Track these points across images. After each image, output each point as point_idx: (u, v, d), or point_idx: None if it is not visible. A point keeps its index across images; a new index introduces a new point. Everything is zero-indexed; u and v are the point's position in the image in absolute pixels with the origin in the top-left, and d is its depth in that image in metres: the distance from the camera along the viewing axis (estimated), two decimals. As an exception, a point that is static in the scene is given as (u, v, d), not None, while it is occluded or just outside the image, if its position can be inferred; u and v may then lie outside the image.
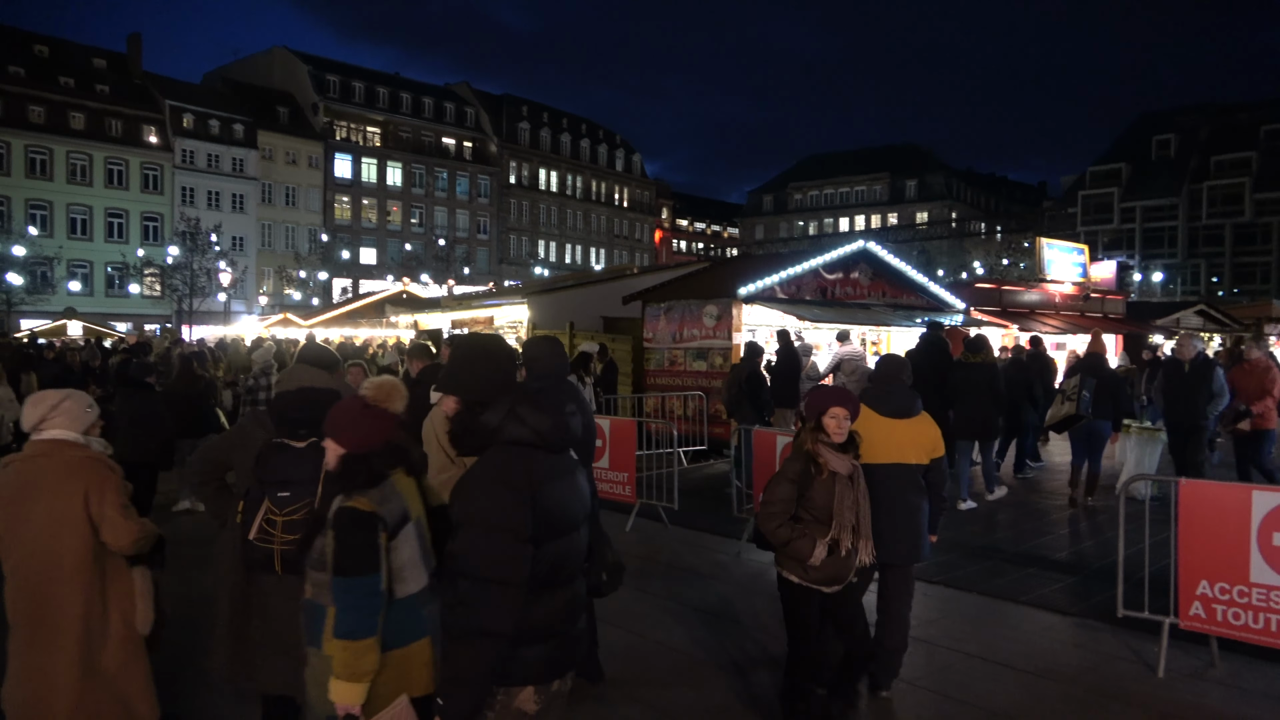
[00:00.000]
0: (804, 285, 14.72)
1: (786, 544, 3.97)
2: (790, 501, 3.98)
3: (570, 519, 2.57)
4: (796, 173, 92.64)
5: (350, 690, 2.58)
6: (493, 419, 2.51)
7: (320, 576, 2.77)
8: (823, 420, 4.01)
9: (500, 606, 2.35)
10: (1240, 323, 24.54)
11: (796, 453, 4.08)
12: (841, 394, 4.11)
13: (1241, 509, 4.72)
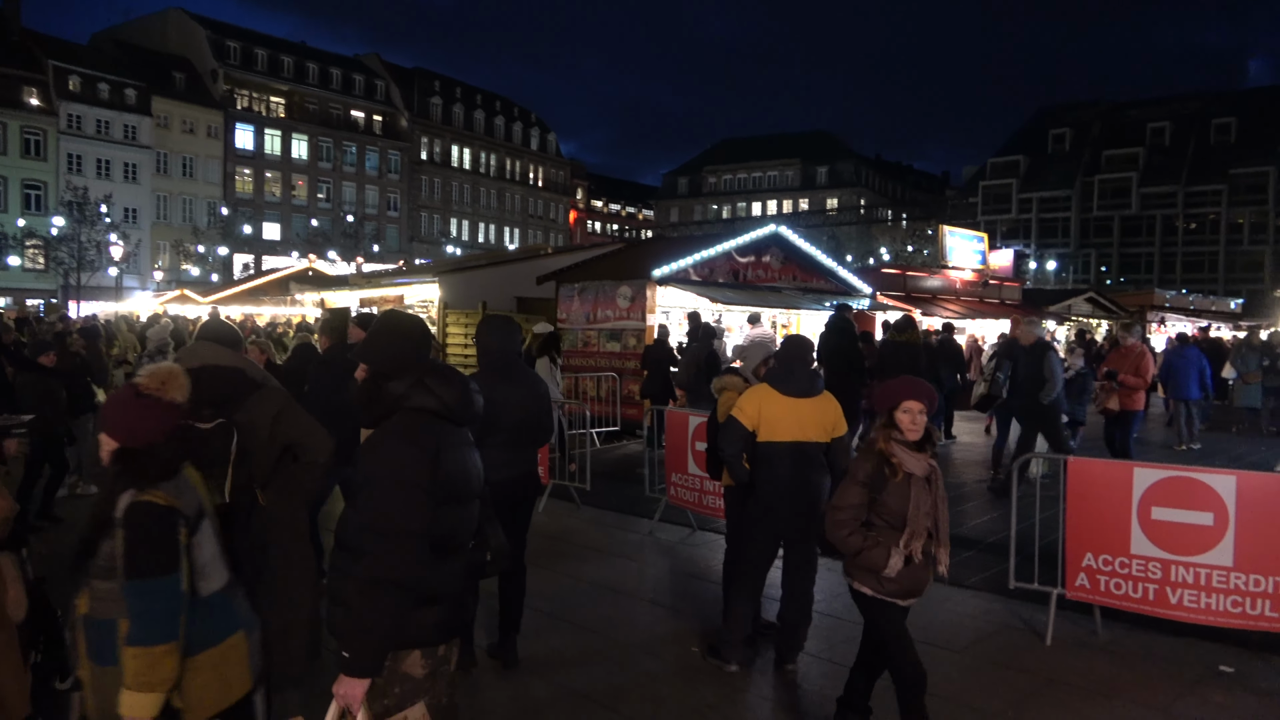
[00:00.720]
0: (717, 268, 14.85)
1: (858, 554, 3.59)
2: (861, 507, 3.60)
3: (466, 488, 2.66)
4: (711, 156, 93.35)
5: (143, 702, 2.42)
6: (399, 387, 2.60)
7: (105, 586, 2.55)
8: (895, 415, 3.59)
9: (407, 556, 2.41)
10: (1126, 310, 25.89)
11: (867, 452, 3.65)
12: (917, 385, 3.65)
13: (1124, 485, 4.98)
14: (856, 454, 3.80)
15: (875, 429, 3.69)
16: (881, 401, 3.67)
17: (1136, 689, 4.59)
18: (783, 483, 4.59)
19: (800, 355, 4.80)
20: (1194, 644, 5.12)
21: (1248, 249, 67.88)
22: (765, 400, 4.63)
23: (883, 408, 3.65)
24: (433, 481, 2.49)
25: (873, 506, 3.61)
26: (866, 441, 3.72)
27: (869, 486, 3.59)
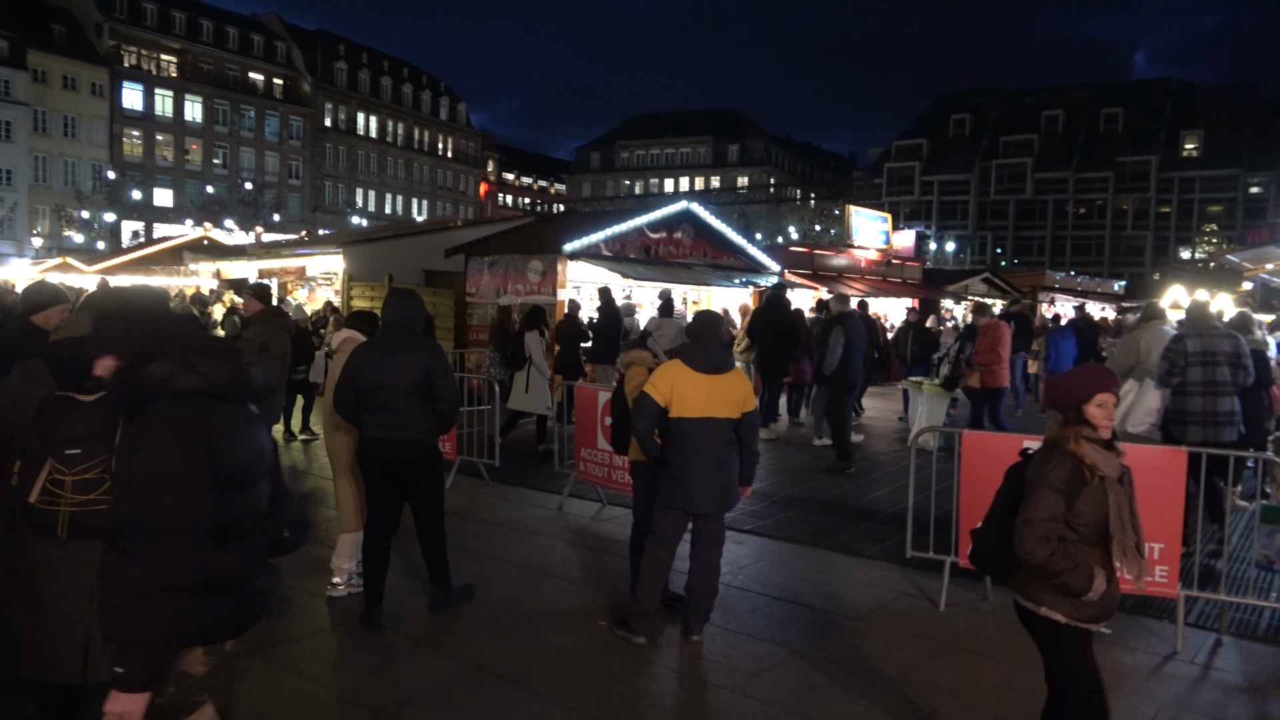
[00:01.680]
0: (628, 243, 14.84)
1: (1059, 575, 3.01)
2: (1061, 519, 3.03)
3: (249, 470, 2.44)
4: (624, 131, 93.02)
5: None
6: (161, 369, 2.31)
7: None
8: (1087, 410, 3.10)
9: (178, 558, 2.21)
10: (1019, 290, 27.00)
11: (1057, 455, 3.09)
12: (1107, 376, 3.20)
13: (1013, 457, 5.18)
14: (1036, 457, 3.20)
15: (1058, 428, 3.15)
16: (1069, 394, 3.15)
17: (1023, 650, 4.77)
18: (694, 458, 4.64)
19: (712, 331, 4.84)
20: (1075, 607, 5.40)
21: (1131, 234, 71.64)
22: (677, 376, 4.66)
23: (1070, 401, 3.13)
24: (209, 469, 2.28)
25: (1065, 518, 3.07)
26: (1049, 442, 3.18)
27: (1067, 495, 3.03)
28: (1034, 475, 3.12)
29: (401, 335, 4.91)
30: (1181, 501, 4.85)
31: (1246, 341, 7.02)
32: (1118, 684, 4.41)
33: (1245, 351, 6.79)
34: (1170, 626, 5.01)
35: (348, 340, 5.35)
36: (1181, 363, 6.74)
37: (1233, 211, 67.07)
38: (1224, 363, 6.67)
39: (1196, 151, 70.16)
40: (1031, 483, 3.11)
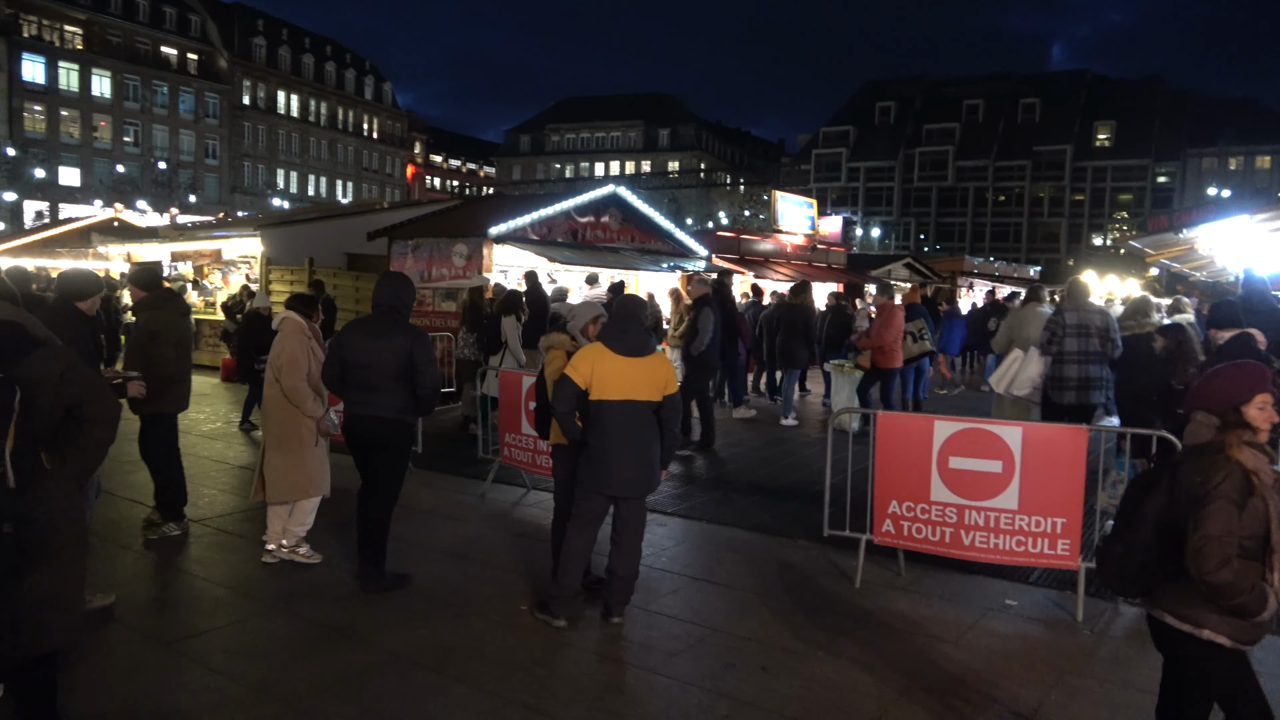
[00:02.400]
0: (555, 227, 14.75)
1: (1239, 597, 2.71)
2: (1236, 534, 2.71)
3: None
4: (554, 114, 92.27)
5: None
6: None
7: None
8: (1246, 413, 2.85)
9: None
10: (939, 275, 27.73)
11: (1222, 463, 2.79)
12: (1264, 375, 2.93)
13: (925, 437, 5.34)
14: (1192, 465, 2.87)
15: (1215, 432, 2.89)
16: (1226, 396, 2.89)
17: (934, 624, 4.97)
18: (614, 440, 4.65)
19: (633, 314, 4.84)
20: (984, 581, 5.60)
21: (1047, 221, 74.12)
22: (598, 359, 4.66)
23: (1227, 404, 2.88)
24: None
25: None
26: (1204, 448, 2.89)
27: (1240, 507, 2.73)
28: (1200, 487, 2.78)
29: (389, 318, 5.19)
30: (1082, 478, 5.04)
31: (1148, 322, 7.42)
32: (1020, 654, 4.60)
33: (1114, 326, 7.55)
34: (1072, 597, 5.22)
35: (287, 320, 5.64)
36: (1060, 333, 7.49)
37: (1142, 200, 69.89)
38: (1095, 335, 7.42)
39: (1108, 142, 72.85)
40: (1199, 496, 2.76)
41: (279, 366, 5.54)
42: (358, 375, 5.13)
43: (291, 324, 5.62)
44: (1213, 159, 68.50)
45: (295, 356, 5.53)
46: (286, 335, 5.60)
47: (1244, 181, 64.28)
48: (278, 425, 5.62)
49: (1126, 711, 3.99)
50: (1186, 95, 74.19)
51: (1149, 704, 4.05)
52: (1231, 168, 67.59)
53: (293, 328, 5.62)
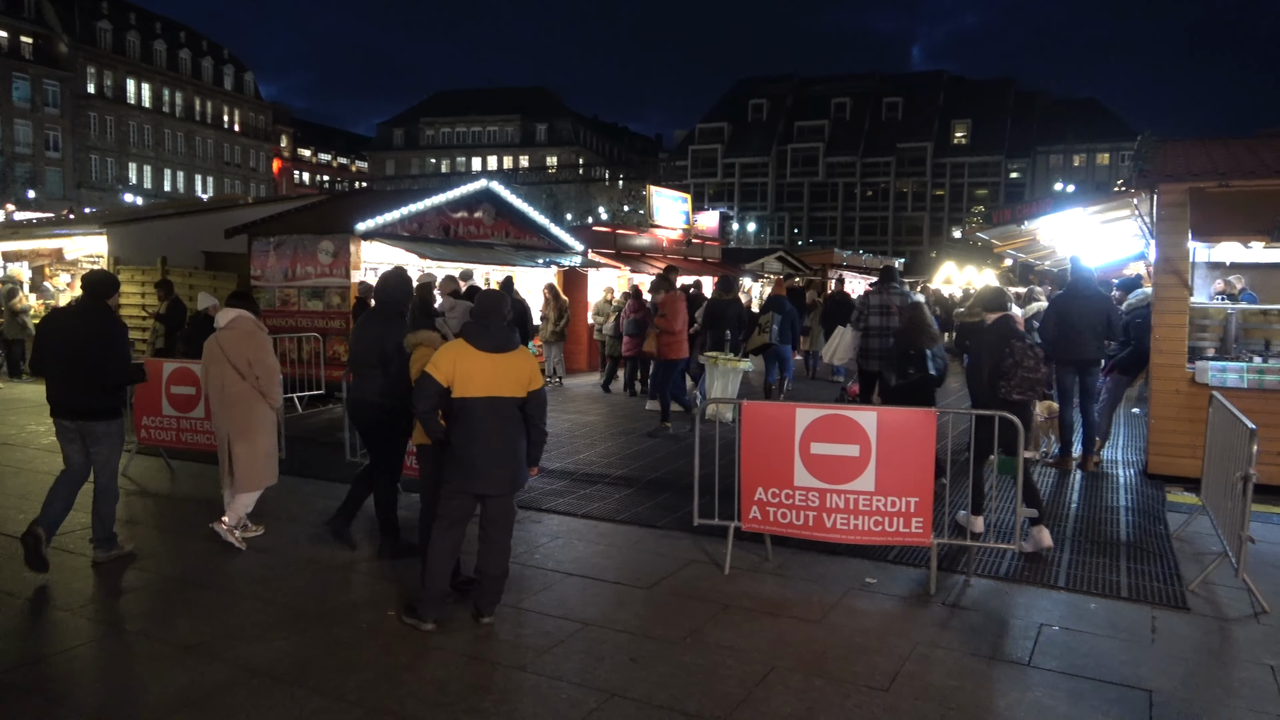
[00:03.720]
0: (427, 223, 14.43)
1: None
2: None
3: None
4: (429, 108, 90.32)
5: None
6: None
7: None
8: None
9: None
10: (810, 267, 28.59)
11: None
12: None
13: (788, 424, 5.50)
14: None
15: None
16: None
17: (798, 605, 5.13)
18: (478, 438, 4.59)
19: (495, 310, 4.79)
20: (845, 561, 5.81)
21: (911, 215, 77.59)
22: (459, 356, 4.59)
23: None
24: None
25: None
26: None
27: None
28: None
29: (377, 314, 5.86)
30: (932, 459, 5.30)
31: None
32: (878, 629, 4.80)
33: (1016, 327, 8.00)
34: (926, 572, 5.48)
35: (241, 318, 6.04)
36: (865, 312, 8.93)
37: (997, 194, 74.01)
38: (895, 313, 8.64)
39: (965, 140, 76.79)
40: None
41: (249, 361, 5.90)
42: (357, 364, 5.83)
43: (247, 321, 6.00)
44: (1059, 156, 73.21)
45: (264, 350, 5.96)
46: (249, 332, 5.98)
47: (1086, 177, 69.03)
48: (244, 417, 5.95)
49: (974, 677, 4.22)
50: (1035, 95, 79.03)
51: (996, 670, 4.32)
52: (1075, 164, 72.44)
53: (249, 325, 6.00)
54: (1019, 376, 5.90)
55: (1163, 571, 5.70)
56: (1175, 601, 5.18)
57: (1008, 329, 6.20)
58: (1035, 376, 5.92)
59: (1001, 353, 5.99)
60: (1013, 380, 5.91)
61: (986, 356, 6.14)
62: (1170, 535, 6.50)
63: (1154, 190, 8.13)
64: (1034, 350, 6.00)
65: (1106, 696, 4.02)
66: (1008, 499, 7.17)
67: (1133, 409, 11.46)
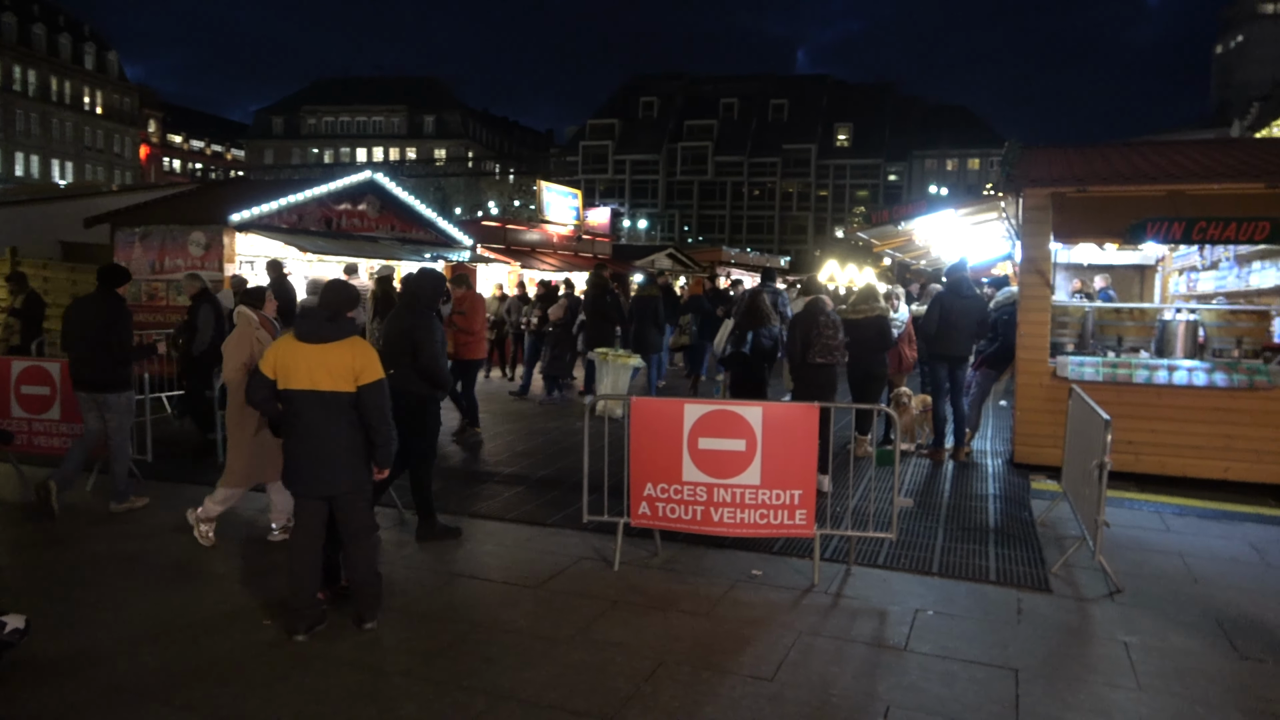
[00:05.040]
0: (307, 215, 13.92)
1: None
2: None
3: None
4: (311, 95, 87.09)
5: None
6: None
7: None
8: None
9: None
10: (700, 264, 28.98)
11: None
12: None
13: (676, 420, 5.54)
14: None
15: None
16: None
17: (686, 599, 5.18)
18: (299, 434, 4.42)
19: (324, 300, 4.57)
20: (732, 554, 5.91)
21: (796, 214, 79.64)
22: (282, 346, 4.45)
23: None
24: None
25: None
26: None
27: None
28: None
29: (403, 308, 6.11)
30: (814, 452, 5.44)
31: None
32: (764, 620, 4.89)
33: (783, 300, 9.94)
34: (809, 563, 5.62)
35: (239, 314, 6.14)
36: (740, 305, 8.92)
37: (877, 196, 76.77)
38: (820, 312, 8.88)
39: (847, 142, 79.34)
40: None
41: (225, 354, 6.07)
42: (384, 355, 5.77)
43: (242, 316, 6.11)
44: (934, 160, 76.50)
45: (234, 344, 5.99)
46: (238, 328, 6.09)
47: (959, 180, 72.38)
48: (234, 413, 6.02)
49: (855, 663, 4.35)
50: (913, 101, 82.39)
51: (875, 655, 4.46)
52: (949, 168, 75.84)
53: (242, 319, 6.09)
54: (820, 344, 7.51)
55: (1027, 556, 6.02)
56: (1039, 584, 5.48)
57: (816, 310, 7.69)
58: (833, 344, 7.56)
59: (810, 328, 7.53)
60: (816, 347, 7.50)
61: (799, 331, 7.62)
62: (1034, 521, 6.87)
63: (1019, 194, 8.58)
64: (833, 325, 7.60)
65: (976, 677, 4.21)
66: (885, 489, 7.45)
67: (1000, 402, 12.07)
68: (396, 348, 5.89)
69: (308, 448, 4.41)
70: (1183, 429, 7.88)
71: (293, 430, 4.43)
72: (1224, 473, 7.82)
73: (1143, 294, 12.56)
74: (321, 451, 4.41)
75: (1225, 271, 10.23)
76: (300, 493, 4.49)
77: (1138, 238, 7.41)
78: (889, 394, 9.40)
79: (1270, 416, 7.67)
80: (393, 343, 5.93)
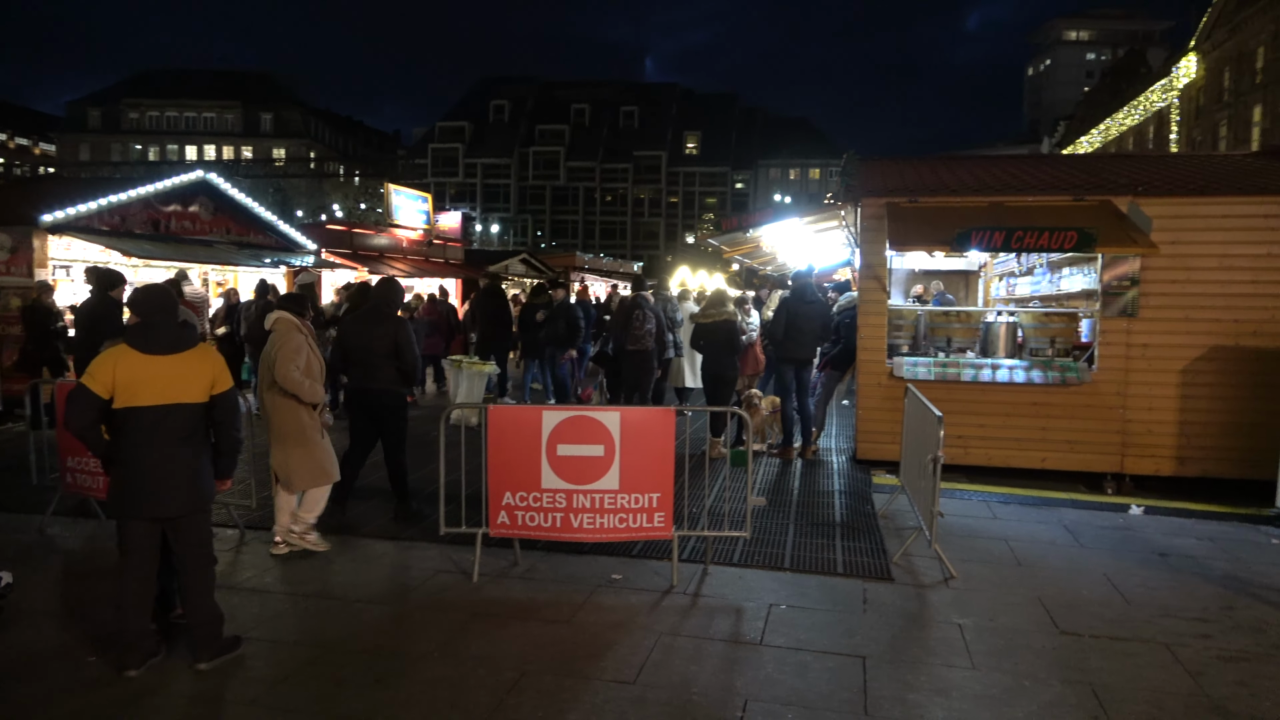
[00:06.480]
0: (132, 216, 12.97)
1: None
2: None
3: None
4: (134, 87, 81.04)
5: None
6: None
7: None
8: None
9: None
10: (553, 270, 28.93)
11: None
12: None
13: (534, 427, 5.51)
14: None
15: None
16: None
17: (548, 607, 5.15)
18: (149, 452, 4.09)
19: (162, 307, 4.25)
20: (593, 560, 5.92)
21: (648, 220, 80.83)
22: (120, 362, 4.07)
23: None
24: None
25: None
26: None
27: None
28: None
29: (378, 313, 6.69)
30: (672, 455, 5.53)
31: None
32: (625, 623, 4.93)
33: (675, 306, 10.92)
34: (668, 565, 5.71)
35: (280, 320, 6.03)
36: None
37: (725, 203, 79.00)
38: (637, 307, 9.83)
39: (696, 150, 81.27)
40: None
41: (272, 360, 5.89)
42: (358, 357, 6.65)
43: (283, 322, 6.01)
44: (778, 169, 79.49)
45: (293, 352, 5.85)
46: (281, 334, 5.96)
47: (801, 190, 75.53)
48: (280, 420, 5.95)
49: (714, 660, 4.45)
50: (757, 111, 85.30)
51: (733, 652, 4.57)
52: (792, 177, 79.01)
53: (285, 326, 5.98)
54: (631, 333, 9.34)
55: (871, 547, 6.34)
56: (882, 574, 5.78)
57: (634, 303, 9.53)
58: (641, 333, 9.33)
59: (629, 318, 9.43)
60: (628, 335, 9.36)
61: (620, 319, 9.59)
62: (877, 514, 7.25)
63: (858, 204, 9.04)
64: (645, 317, 9.40)
65: (828, 666, 4.40)
66: (739, 489, 7.66)
67: (843, 401, 12.67)
68: (378, 352, 6.51)
69: (151, 467, 4.08)
70: (1006, 423, 8.52)
71: (134, 449, 4.07)
72: (1042, 462, 8.50)
73: (968, 298, 13.51)
74: (166, 469, 4.10)
75: (1040, 277, 11.13)
76: (135, 515, 4.14)
77: (963, 245, 7.96)
78: (739, 397, 9.68)
79: (1080, 410, 8.40)
80: (372, 348, 6.54)
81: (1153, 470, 8.32)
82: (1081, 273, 9.75)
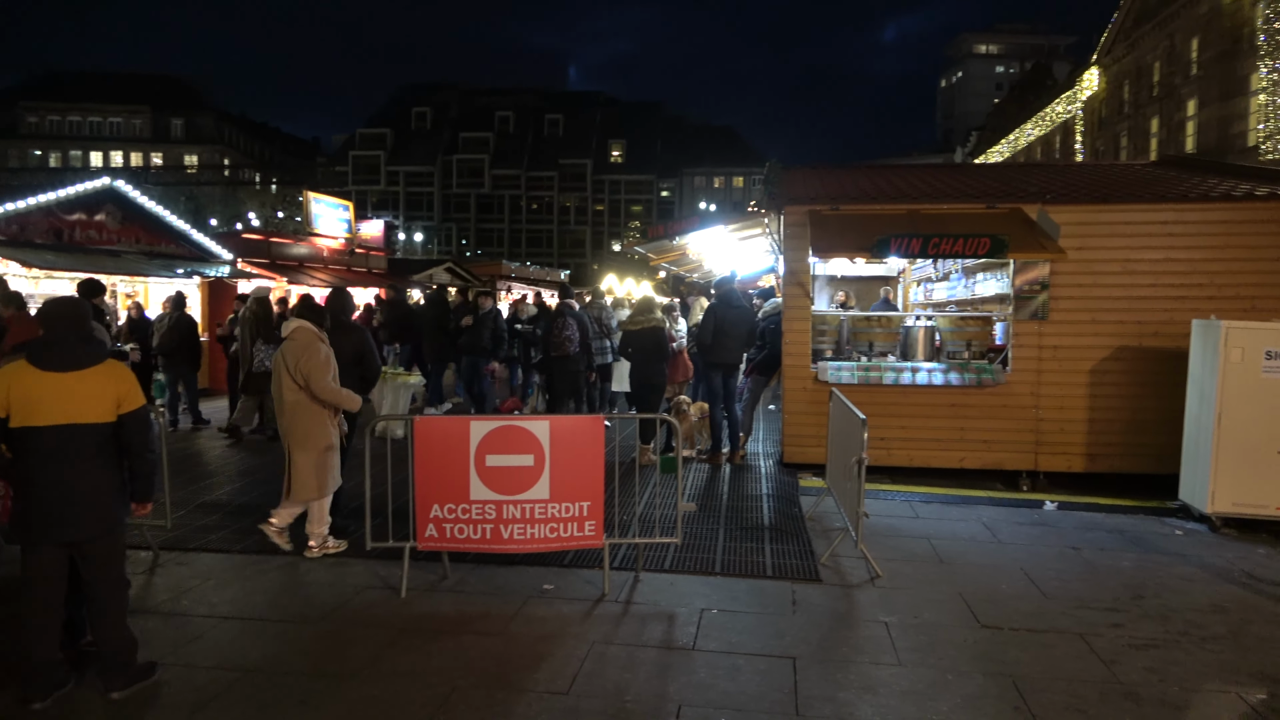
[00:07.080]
0: (32, 225, 12.39)
1: None
2: None
3: None
4: (32, 90, 77.30)
5: None
6: None
7: None
8: None
9: None
10: (479, 279, 28.65)
11: None
12: None
13: (462, 438, 5.44)
14: None
15: None
16: None
17: (478, 620, 5.09)
18: (48, 474, 3.90)
19: (68, 321, 4.05)
20: (524, 570, 5.87)
21: (574, 228, 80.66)
22: (17, 379, 3.87)
23: None
24: None
25: None
26: None
27: None
28: None
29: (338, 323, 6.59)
30: (602, 463, 5.53)
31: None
32: (557, 634, 4.90)
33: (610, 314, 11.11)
34: (600, 573, 5.70)
35: (302, 330, 6.06)
36: None
37: (650, 211, 79.35)
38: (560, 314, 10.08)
39: (621, 158, 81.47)
40: None
41: (306, 373, 5.90)
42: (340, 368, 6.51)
43: (305, 332, 6.03)
44: (703, 177, 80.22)
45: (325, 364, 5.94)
46: (306, 344, 5.96)
47: (726, 198, 76.39)
48: (300, 426, 5.98)
49: (647, 667, 4.46)
50: (681, 120, 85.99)
51: (666, 658, 4.58)
52: (716, 185, 79.83)
53: (308, 336, 6.01)
54: (554, 340, 9.71)
55: (799, 549, 6.44)
56: (810, 575, 5.87)
57: (561, 310, 9.94)
58: (561, 339, 9.68)
59: (555, 325, 9.78)
60: (554, 341, 9.72)
61: (547, 325, 9.97)
62: (804, 516, 7.37)
63: (781, 212, 9.19)
64: (566, 324, 9.72)
65: (759, 668, 4.45)
66: (669, 495, 7.70)
67: (769, 406, 12.85)
68: (341, 361, 6.34)
69: (52, 489, 3.87)
70: (925, 424, 8.76)
71: (35, 471, 3.87)
72: (960, 462, 8.77)
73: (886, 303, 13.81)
74: (69, 492, 3.90)
75: (955, 282, 11.48)
76: (39, 540, 3.93)
77: (883, 252, 8.16)
78: (668, 403, 9.74)
79: (995, 410, 8.69)
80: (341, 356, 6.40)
81: (1065, 467, 8.65)
82: (995, 278, 10.10)
